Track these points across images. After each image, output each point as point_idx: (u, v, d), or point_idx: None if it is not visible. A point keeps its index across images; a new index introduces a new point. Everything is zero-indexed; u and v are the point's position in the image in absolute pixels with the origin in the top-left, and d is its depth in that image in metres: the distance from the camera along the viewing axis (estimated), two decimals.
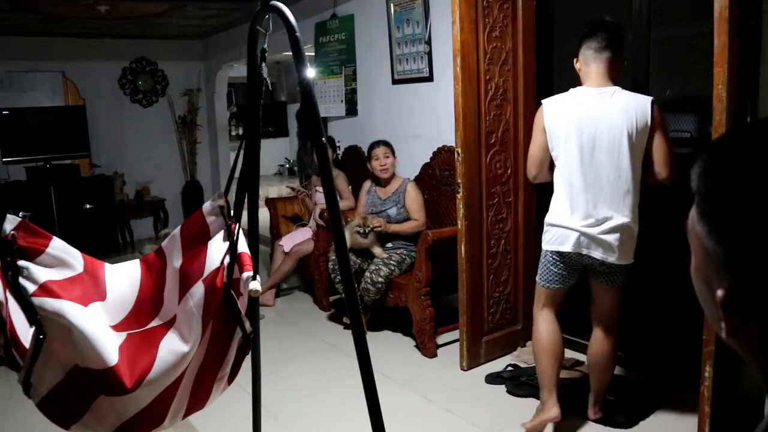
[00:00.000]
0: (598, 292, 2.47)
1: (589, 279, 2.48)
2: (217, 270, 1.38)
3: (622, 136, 2.26)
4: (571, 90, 2.42)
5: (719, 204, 0.55)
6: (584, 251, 2.34)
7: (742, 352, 0.58)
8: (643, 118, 2.26)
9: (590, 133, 2.31)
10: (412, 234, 3.68)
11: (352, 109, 4.70)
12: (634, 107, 2.27)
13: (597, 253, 2.33)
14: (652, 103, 2.28)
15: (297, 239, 4.50)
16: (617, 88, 2.33)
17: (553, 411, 2.46)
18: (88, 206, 6.27)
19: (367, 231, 3.63)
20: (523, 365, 3.16)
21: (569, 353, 3.26)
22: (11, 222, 1.31)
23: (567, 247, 2.36)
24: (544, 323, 2.52)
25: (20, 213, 1.33)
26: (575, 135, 2.33)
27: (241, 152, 1.59)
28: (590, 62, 2.36)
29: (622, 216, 2.29)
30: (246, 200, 1.68)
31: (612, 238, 2.30)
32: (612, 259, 2.32)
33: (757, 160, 0.53)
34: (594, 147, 2.30)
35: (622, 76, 2.43)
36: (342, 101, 4.76)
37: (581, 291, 2.58)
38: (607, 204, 2.30)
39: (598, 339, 2.49)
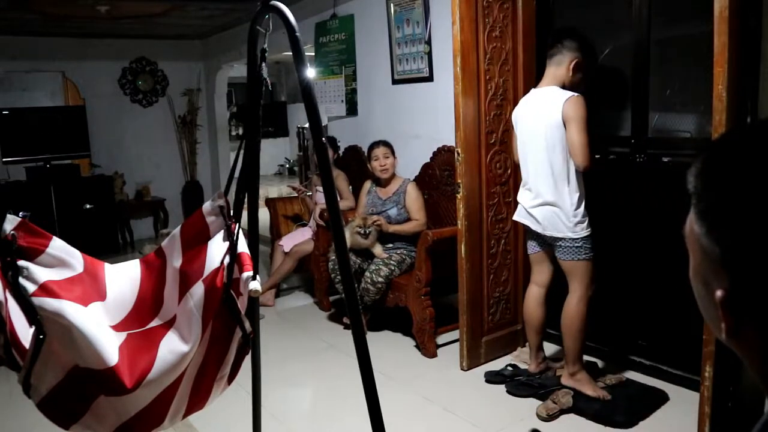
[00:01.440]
0: (560, 263, 2.79)
1: None
2: (217, 270, 1.38)
3: (542, 129, 2.66)
4: (531, 90, 2.84)
5: (716, 203, 0.55)
6: (523, 221, 2.84)
7: (740, 353, 0.58)
8: (557, 113, 2.60)
9: (527, 127, 2.75)
10: (412, 234, 3.68)
11: (352, 109, 4.70)
12: (551, 104, 2.62)
13: (530, 224, 2.79)
14: (567, 99, 2.58)
15: (297, 239, 4.50)
16: (552, 88, 2.68)
17: (532, 366, 3.02)
18: (88, 206, 6.27)
19: (367, 231, 3.63)
20: (522, 365, 3.16)
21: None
22: (11, 222, 1.31)
23: (515, 216, 2.90)
24: (528, 298, 2.98)
25: (20, 213, 1.33)
26: (521, 129, 2.81)
27: (241, 152, 1.59)
28: (546, 67, 2.75)
29: (548, 196, 2.69)
30: (246, 200, 1.68)
31: (537, 212, 2.74)
32: (539, 229, 2.75)
33: (754, 160, 0.54)
34: (530, 139, 2.73)
35: (572, 76, 2.68)
36: (342, 101, 4.76)
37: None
38: (538, 185, 2.72)
39: (565, 304, 2.77)
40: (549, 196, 2.69)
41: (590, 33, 3.00)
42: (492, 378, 3.06)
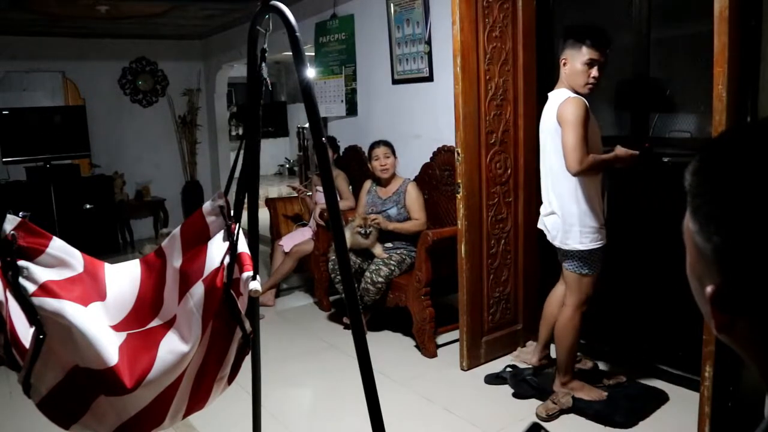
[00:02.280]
0: (563, 270, 2.76)
1: None
2: (217, 270, 1.38)
3: (548, 133, 2.62)
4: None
5: (708, 201, 0.56)
6: (540, 227, 2.79)
7: (735, 347, 0.59)
8: (554, 116, 2.55)
9: (541, 133, 2.71)
10: (412, 233, 3.68)
11: (352, 109, 4.70)
12: (552, 108, 2.58)
13: (546, 233, 2.74)
14: (562, 101, 2.51)
15: (297, 239, 4.50)
16: (558, 91, 2.61)
17: (534, 359, 3.03)
18: (88, 206, 6.27)
19: (368, 231, 3.63)
20: (522, 365, 3.16)
21: None
22: (11, 222, 1.31)
23: (539, 224, 2.84)
24: (551, 294, 2.93)
25: (20, 213, 1.33)
26: (540, 135, 2.73)
27: (241, 152, 1.59)
28: None
29: (553, 204, 2.64)
30: (246, 200, 1.68)
31: (548, 220, 2.70)
32: (550, 238, 2.71)
33: (747, 159, 0.54)
34: (542, 146, 2.70)
35: (567, 75, 2.58)
36: (342, 101, 4.76)
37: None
38: (547, 193, 2.68)
39: (560, 315, 2.75)
40: (554, 204, 2.63)
41: None
42: (491, 381, 3.05)
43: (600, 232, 2.59)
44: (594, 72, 2.52)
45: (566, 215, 2.58)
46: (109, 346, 1.30)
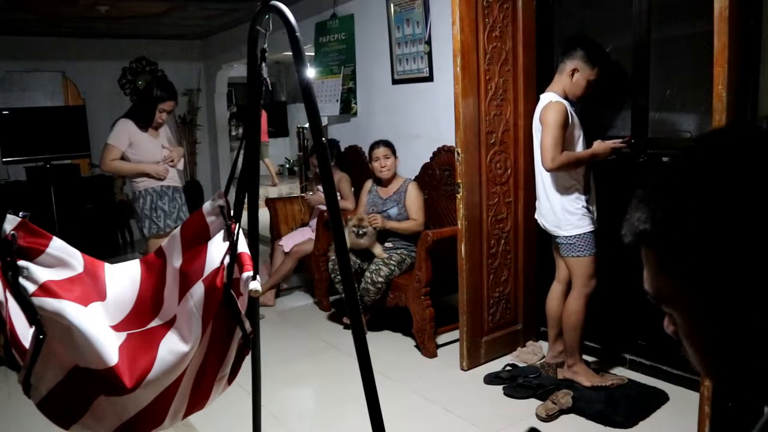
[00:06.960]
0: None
1: None
2: (217, 270, 1.38)
3: (535, 132, 2.83)
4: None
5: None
6: (537, 217, 2.98)
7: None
8: (538, 118, 2.77)
9: (533, 129, 2.88)
10: (410, 233, 3.68)
11: (346, 108, 4.69)
12: (538, 110, 2.78)
13: (540, 220, 2.94)
14: (545, 105, 2.72)
15: (297, 239, 4.50)
16: (547, 94, 2.80)
17: (548, 356, 3.12)
18: (88, 206, 6.27)
19: (361, 231, 3.62)
20: (522, 365, 3.16)
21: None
22: (11, 222, 1.31)
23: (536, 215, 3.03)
24: (549, 293, 3.05)
25: (20, 213, 1.33)
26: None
27: (241, 152, 1.59)
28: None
29: (542, 195, 2.87)
30: (246, 200, 1.68)
31: (543, 211, 2.90)
32: (545, 225, 2.90)
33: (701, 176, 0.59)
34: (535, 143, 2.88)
35: (571, 84, 2.76)
36: (337, 100, 4.75)
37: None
38: (537, 184, 2.90)
39: (567, 299, 2.90)
40: (542, 195, 2.86)
41: (590, 33, 3.00)
42: (491, 381, 3.05)
43: (585, 218, 2.77)
44: (589, 89, 2.78)
45: (555, 205, 2.80)
46: (109, 346, 1.30)
